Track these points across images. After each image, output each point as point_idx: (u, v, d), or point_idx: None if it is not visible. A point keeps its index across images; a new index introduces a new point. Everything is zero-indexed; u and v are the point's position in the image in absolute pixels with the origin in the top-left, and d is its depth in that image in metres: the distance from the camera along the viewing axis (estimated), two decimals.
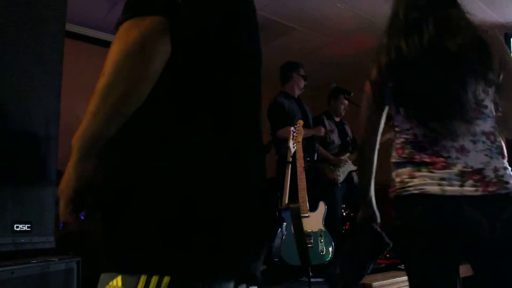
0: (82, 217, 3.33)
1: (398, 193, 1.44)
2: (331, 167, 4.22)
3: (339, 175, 4.20)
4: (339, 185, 4.16)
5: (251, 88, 1.03)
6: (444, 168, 1.34)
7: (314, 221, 3.05)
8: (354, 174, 4.38)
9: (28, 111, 1.76)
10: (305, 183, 3.12)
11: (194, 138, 0.87)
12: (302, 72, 4.06)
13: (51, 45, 1.88)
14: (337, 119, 4.56)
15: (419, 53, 1.37)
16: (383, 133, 4.67)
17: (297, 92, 4.06)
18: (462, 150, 1.34)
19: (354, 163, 4.33)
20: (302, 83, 4.05)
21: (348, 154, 4.33)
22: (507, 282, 1.30)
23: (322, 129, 3.94)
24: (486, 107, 1.39)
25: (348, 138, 4.55)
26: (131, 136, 0.89)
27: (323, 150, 4.20)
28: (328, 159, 4.22)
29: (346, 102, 4.46)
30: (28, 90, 1.76)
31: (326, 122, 4.42)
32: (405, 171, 1.43)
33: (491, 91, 1.40)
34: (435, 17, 1.40)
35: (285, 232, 3.08)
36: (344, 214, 4.82)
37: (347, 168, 4.26)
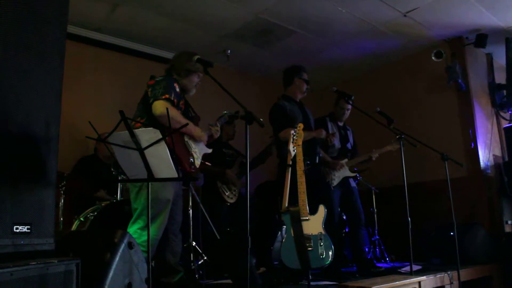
0: (81, 219, 3.32)
1: None
2: (327, 169, 4.22)
3: (334, 179, 4.21)
4: (332, 188, 4.17)
5: None
6: None
7: (314, 224, 3.05)
8: (351, 179, 4.39)
9: (29, 112, 1.76)
10: (305, 187, 3.11)
11: None
12: (304, 76, 4.06)
13: (53, 46, 1.87)
14: (340, 123, 4.56)
15: None
16: (385, 144, 4.65)
17: (298, 96, 4.06)
18: None
19: (351, 170, 4.32)
20: (304, 87, 4.05)
21: (346, 160, 4.33)
22: None
23: (323, 132, 3.94)
24: None
25: (349, 144, 4.54)
26: None
27: (323, 153, 4.21)
28: (326, 161, 4.23)
29: (349, 106, 4.45)
30: (29, 91, 1.76)
31: (329, 124, 4.42)
32: None
33: None
34: None
35: (285, 236, 3.07)
36: (344, 217, 4.82)
37: (342, 173, 4.27)
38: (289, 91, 4.06)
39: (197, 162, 3.03)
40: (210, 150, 3.21)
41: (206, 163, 3.83)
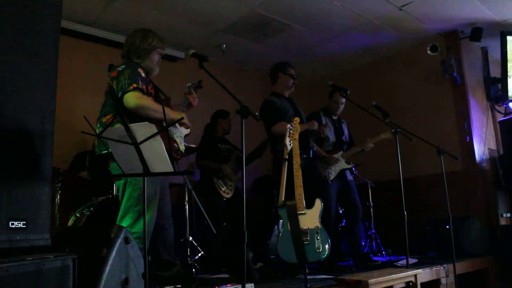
0: (77, 215, 3.30)
1: None
2: (322, 164, 4.23)
3: (331, 173, 4.22)
4: (330, 182, 4.17)
5: None
6: None
7: (310, 218, 3.05)
8: (348, 172, 4.40)
9: (23, 108, 1.75)
10: (301, 180, 3.12)
11: None
12: (289, 71, 4.05)
13: (47, 41, 1.86)
14: (335, 117, 4.57)
15: None
16: (381, 132, 4.63)
17: (286, 92, 4.06)
18: None
19: (347, 162, 4.34)
20: (290, 82, 4.04)
21: (341, 152, 4.34)
22: None
23: (316, 123, 3.94)
24: None
25: (344, 137, 4.55)
26: None
27: (317, 147, 4.22)
28: (321, 156, 4.23)
29: (343, 100, 4.46)
30: (23, 87, 1.75)
31: (323, 118, 4.43)
32: None
33: None
34: None
35: (281, 229, 3.07)
36: (341, 211, 4.83)
37: (339, 166, 4.27)
38: (276, 88, 4.08)
39: (182, 147, 2.99)
40: (189, 131, 3.12)
41: (191, 146, 3.80)
